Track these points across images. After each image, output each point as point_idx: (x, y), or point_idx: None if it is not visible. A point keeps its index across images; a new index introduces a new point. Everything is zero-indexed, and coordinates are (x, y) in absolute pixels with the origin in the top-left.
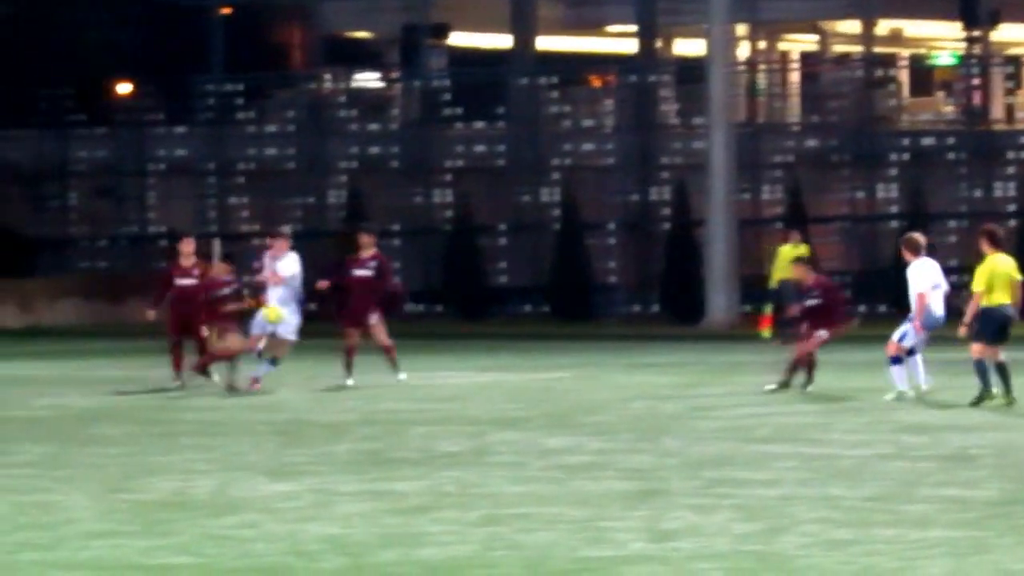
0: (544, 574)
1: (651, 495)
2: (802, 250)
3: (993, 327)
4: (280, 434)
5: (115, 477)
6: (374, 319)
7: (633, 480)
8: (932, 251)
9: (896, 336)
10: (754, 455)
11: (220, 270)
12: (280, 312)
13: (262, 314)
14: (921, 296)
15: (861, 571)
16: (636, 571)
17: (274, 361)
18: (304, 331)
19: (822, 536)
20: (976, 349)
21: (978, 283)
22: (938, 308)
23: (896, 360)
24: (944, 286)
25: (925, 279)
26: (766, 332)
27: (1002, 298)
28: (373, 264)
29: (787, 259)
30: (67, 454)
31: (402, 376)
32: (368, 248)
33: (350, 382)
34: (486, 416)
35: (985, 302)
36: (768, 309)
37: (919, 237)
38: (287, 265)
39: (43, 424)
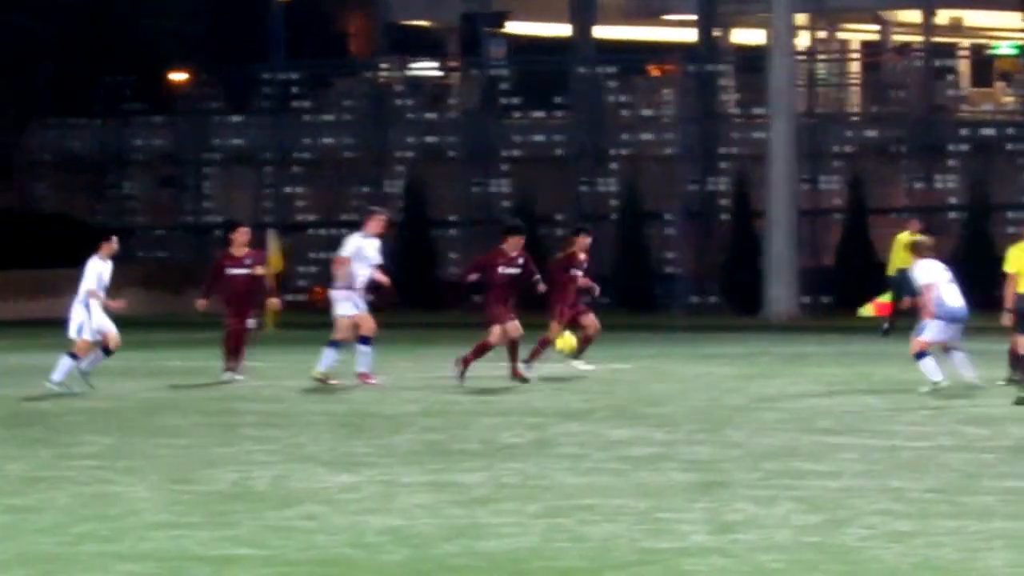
0: (606, 566)
1: (713, 487)
2: (919, 238)
3: (1021, 315)
4: (341, 425)
5: (177, 468)
6: None
7: (695, 472)
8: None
9: (916, 333)
10: (816, 447)
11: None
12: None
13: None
14: (928, 287)
15: (922, 563)
16: (697, 563)
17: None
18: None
19: (884, 528)
20: (1016, 342)
21: (1009, 264)
22: (954, 301)
23: (921, 355)
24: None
25: (929, 275)
26: (867, 310)
27: None
28: (584, 266)
29: (904, 248)
30: (129, 445)
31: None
32: (583, 250)
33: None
34: (548, 408)
35: (1020, 288)
36: (886, 297)
37: (927, 240)
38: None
39: (105, 415)
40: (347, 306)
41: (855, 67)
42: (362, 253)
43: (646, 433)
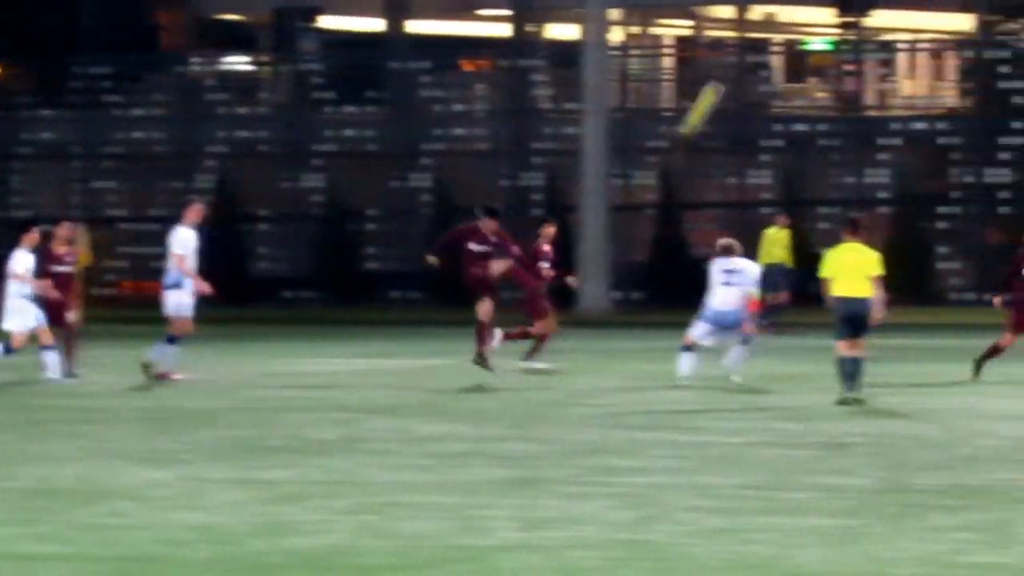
0: (415, 563)
1: (524, 483)
2: (785, 235)
3: (837, 320)
4: (150, 421)
5: None
6: None
7: (506, 468)
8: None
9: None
10: (628, 443)
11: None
12: None
13: None
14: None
15: (734, 560)
16: (508, 559)
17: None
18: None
19: (695, 524)
20: (839, 347)
21: (822, 269)
22: (721, 303)
23: (687, 348)
24: (737, 282)
25: (713, 275)
26: None
27: (848, 290)
28: (550, 257)
29: (772, 243)
30: None
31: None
32: (548, 240)
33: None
34: (358, 403)
35: (832, 291)
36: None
37: (724, 242)
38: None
39: None
40: (179, 303)
41: (668, 62)
42: (190, 245)
43: (457, 429)
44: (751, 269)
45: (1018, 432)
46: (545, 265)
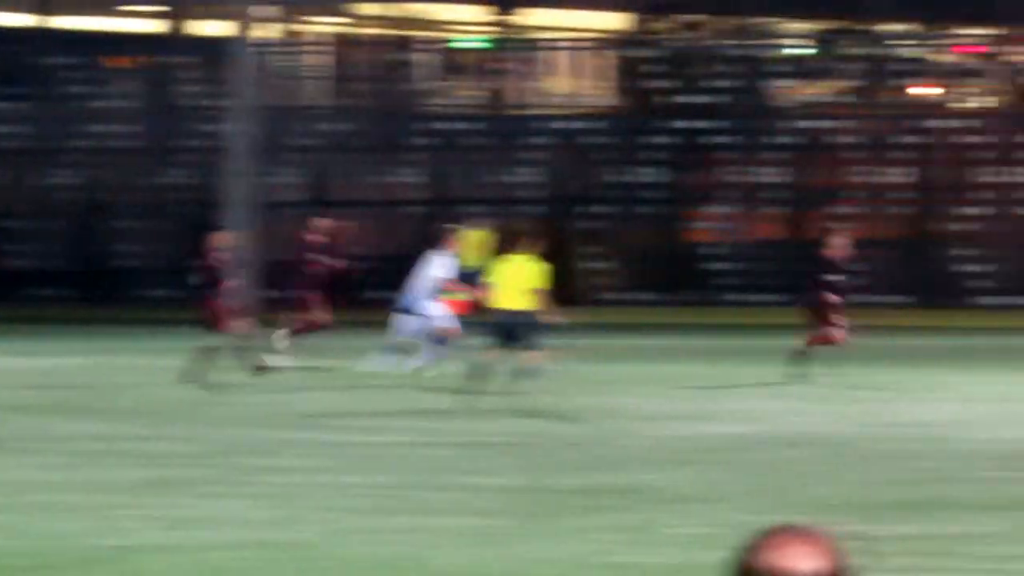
0: (54, 563)
1: (165, 483)
2: (484, 237)
3: (494, 331)
4: None
5: None
6: None
7: (148, 468)
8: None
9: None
10: (271, 442)
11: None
12: None
13: None
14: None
15: (375, 560)
16: (148, 560)
17: None
18: None
19: (336, 524)
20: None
21: (494, 275)
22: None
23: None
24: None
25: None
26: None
27: (508, 302)
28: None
29: (473, 245)
30: None
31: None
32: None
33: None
34: None
35: (493, 302)
36: (462, 296)
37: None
38: None
39: None
40: None
41: (319, 60)
42: None
43: (97, 428)
44: (431, 264)
45: (662, 432)
46: (325, 259)
